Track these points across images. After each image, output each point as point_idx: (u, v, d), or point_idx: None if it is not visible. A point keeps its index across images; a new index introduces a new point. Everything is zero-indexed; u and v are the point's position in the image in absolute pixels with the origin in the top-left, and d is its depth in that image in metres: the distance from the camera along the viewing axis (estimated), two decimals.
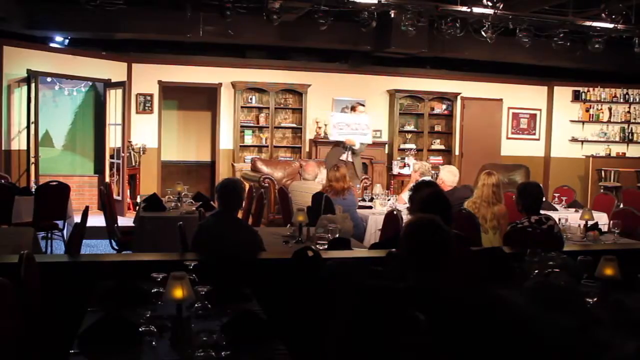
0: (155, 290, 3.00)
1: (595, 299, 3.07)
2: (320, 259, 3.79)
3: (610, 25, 8.93)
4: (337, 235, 4.96)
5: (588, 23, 9.17)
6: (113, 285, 3.21)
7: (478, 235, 5.57)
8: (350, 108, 9.72)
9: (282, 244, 5.08)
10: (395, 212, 5.83)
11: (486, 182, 5.97)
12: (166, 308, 2.83)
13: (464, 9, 8.52)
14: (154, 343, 2.60)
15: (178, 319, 2.68)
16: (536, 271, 3.67)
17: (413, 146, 12.18)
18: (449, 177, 6.97)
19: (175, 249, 4.75)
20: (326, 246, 4.76)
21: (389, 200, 7.35)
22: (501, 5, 8.13)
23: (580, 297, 3.10)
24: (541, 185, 5.31)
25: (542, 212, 4.97)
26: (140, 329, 2.63)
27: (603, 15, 8.47)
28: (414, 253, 2.82)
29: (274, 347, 2.64)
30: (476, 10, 8.47)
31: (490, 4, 8.10)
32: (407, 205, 4.78)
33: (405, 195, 6.93)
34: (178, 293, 2.62)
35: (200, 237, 4.39)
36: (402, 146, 12.33)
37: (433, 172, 8.11)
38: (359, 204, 7.34)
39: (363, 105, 9.63)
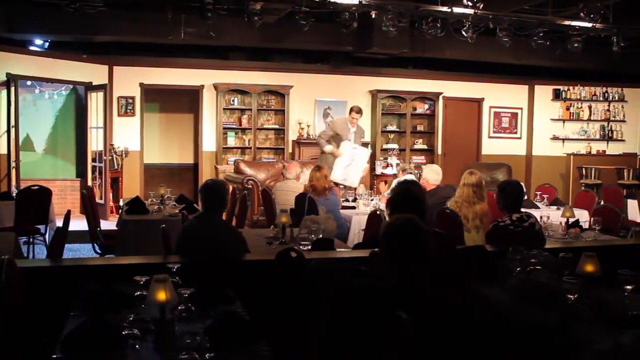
0: (139, 293, 2.99)
1: (576, 296, 3.10)
2: (304, 260, 3.79)
3: (589, 25, 9.04)
4: (321, 236, 4.97)
5: (567, 22, 9.27)
6: (96, 289, 3.19)
7: (461, 234, 5.60)
8: (351, 110, 8.80)
9: (266, 245, 5.08)
10: (378, 212, 5.85)
11: (466, 182, 5.97)
12: (149, 311, 2.83)
13: (445, 9, 8.57)
14: (137, 346, 2.59)
15: (161, 322, 2.67)
16: (518, 269, 3.70)
17: (396, 146, 12.21)
18: (432, 175, 7.00)
19: (158, 252, 4.72)
20: (309, 247, 4.76)
21: (372, 200, 7.38)
22: (481, 5, 8.19)
23: (561, 294, 3.13)
24: (523, 183, 5.34)
25: (523, 210, 5.00)
26: (123, 333, 2.62)
27: (582, 14, 8.56)
28: (392, 252, 2.84)
29: (257, 349, 2.64)
30: (456, 10, 8.52)
31: (470, 4, 8.14)
32: None
33: (388, 194, 6.96)
34: (161, 296, 2.61)
35: (184, 239, 4.38)
36: (384, 146, 12.36)
37: (416, 171, 8.13)
38: (343, 204, 7.36)
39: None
